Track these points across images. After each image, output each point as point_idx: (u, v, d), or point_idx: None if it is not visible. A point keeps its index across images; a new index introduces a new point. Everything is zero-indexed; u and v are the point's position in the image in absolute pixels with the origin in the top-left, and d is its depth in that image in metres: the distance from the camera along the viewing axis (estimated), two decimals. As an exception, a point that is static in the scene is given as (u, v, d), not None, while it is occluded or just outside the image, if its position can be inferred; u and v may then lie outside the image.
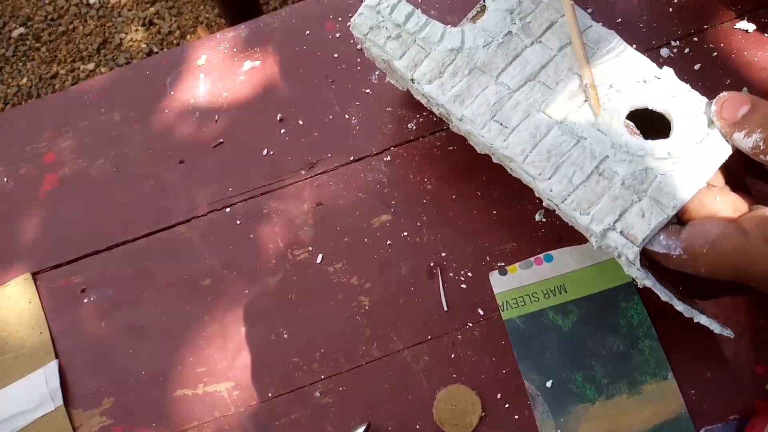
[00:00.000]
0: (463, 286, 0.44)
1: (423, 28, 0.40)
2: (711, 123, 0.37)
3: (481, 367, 0.42)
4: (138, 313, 0.46)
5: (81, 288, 0.47)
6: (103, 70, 1.24)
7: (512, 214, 0.45)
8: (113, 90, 0.52)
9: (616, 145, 0.37)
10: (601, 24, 0.41)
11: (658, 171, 0.36)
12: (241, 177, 0.48)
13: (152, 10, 1.29)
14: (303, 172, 0.48)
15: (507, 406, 0.41)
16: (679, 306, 0.36)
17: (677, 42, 0.47)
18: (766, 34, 0.47)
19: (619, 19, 0.48)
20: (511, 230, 0.44)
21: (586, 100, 0.38)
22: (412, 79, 0.40)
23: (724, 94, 0.36)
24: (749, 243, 0.32)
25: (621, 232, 0.36)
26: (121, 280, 0.47)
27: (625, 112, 0.38)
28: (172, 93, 0.51)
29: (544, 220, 0.44)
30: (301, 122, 0.49)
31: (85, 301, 0.46)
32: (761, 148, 0.34)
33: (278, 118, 0.49)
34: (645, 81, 0.38)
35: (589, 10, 0.49)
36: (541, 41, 0.39)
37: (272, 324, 0.44)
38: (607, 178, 0.36)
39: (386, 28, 0.41)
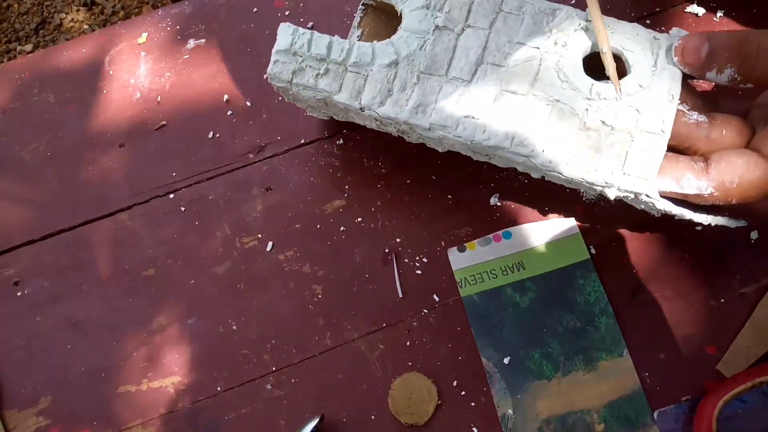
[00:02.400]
0: (419, 272, 0.43)
1: (350, 54, 0.38)
2: (655, 45, 0.37)
3: (437, 354, 0.41)
4: (76, 307, 0.43)
5: (14, 280, 0.44)
6: (41, 51, 1.18)
7: (467, 198, 0.44)
8: (47, 69, 0.49)
9: (590, 96, 0.36)
10: None
11: (636, 105, 0.36)
12: (186, 161, 0.46)
13: (94, -12, 1.22)
14: (251, 155, 0.46)
15: (463, 393, 0.40)
16: (700, 218, 0.36)
17: (631, 24, 0.47)
18: (715, 18, 0.47)
19: (573, 1, 0.48)
20: (466, 214, 0.44)
21: (540, 65, 0.37)
22: (361, 108, 0.38)
23: (679, 41, 0.36)
24: None
25: (632, 174, 0.35)
26: (57, 272, 0.44)
27: (580, 62, 0.37)
28: (111, 73, 0.48)
29: (499, 203, 0.44)
30: (249, 103, 0.47)
31: (19, 294, 0.43)
32: (738, 79, 0.34)
33: (224, 99, 0.47)
34: (582, 28, 0.38)
35: (544, -9, 0.48)
36: (470, 25, 0.38)
37: (220, 315, 0.42)
38: (596, 129, 0.36)
39: (311, 66, 0.38)
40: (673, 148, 0.37)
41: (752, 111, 0.37)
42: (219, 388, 0.41)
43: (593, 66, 0.38)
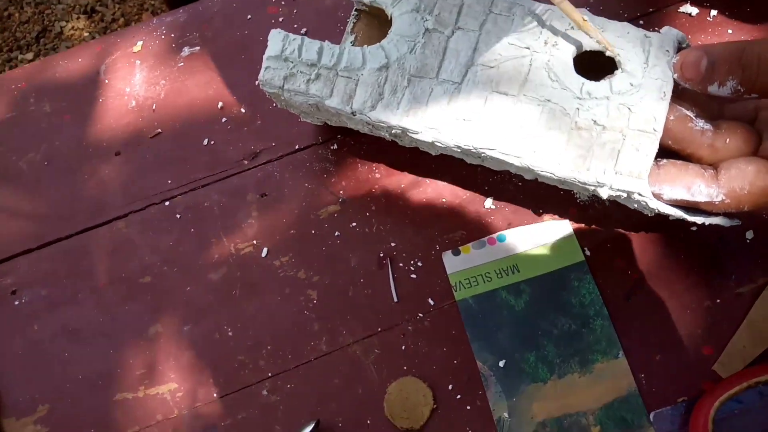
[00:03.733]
0: (414, 276, 0.43)
1: (340, 58, 0.38)
2: (646, 44, 0.37)
3: (433, 357, 0.41)
4: (73, 315, 0.43)
5: (12, 289, 0.44)
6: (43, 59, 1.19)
7: (461, 202, 0.44)
8: (43, 79, 0.49)
9: (580, 95, 0.36)
10: None
11: (627, 104, 0.36)
12: (181, 168, 0.46)
13: (94, -4, 1.23)
14: (246, 162, 0.46)
15: (459, 397, 0.40)
16: (694, 217, 0.36)
17: (624, 25, 0.47)
18: (708, 18, 0.47)
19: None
20: (460, 218, 0.44)
21: (531, 65, 0.37)
22: (353, 113, 0.38)
23: (676, 58, 0.36)
24: None
25: (624, 173, 0.35)
26: (54, 280, 0.44)
27: (571, 61, 0.37)
28: (106, 81, 0.49)
29: (493, 207, 0.44)
30: (243, 110, 0.47)
31: (16, 303, 0.44)
32: (741, 90, 0.34)
33: (219, 106, 0.47)
34: (572, 27, 0.38)
35: (537, -7, 0.48)
36: (460, 27, 0.38)
37: (216, 321, 0.42)
38: (587, 128, 0.36)
39: (302, 72, 0.38)
40: (676, 154, 0.37)
41: (760, 113, 0.37)
42: (215, 395, 0.41)
43: (584, 65, 0.38)
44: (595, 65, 0.39)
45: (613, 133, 0.36)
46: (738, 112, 0.37)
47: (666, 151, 0.37)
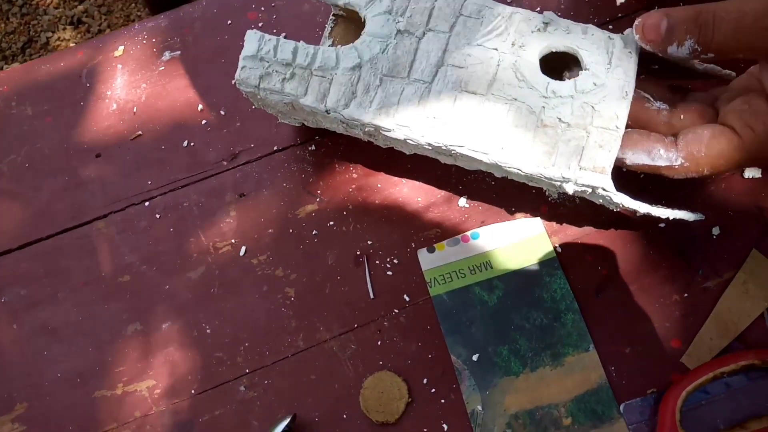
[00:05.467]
0: (390, 273, 0.43)
1: (315, 58, 0.39)
2: (610, 45, 0.38)
3: (408, 352, 0.42)
4: (53, 314, 0.44)
5: (-9, 290, 0.44)
6: (28, 70, 1.19)
7: (436, 200, 0.45)
8: (25, 82, 0.50)
9: (546, 94, 0.37)
10: None
11: (591, 102, 0.37)
12: (161, 170, 0.47)
13: (80, 8, 1.24)
14: (225, 162, 0.47)
15: (433, 390, 0.41)
16: (657, 211, 0.38)
17: (593, 30, 0.49)
18: (675, 22, 0.48)
19: (538, 8, 0.49)
20: (435, 216, 0.45)
21: (499, 66, 0.38)
22: (327, 111, 0.39)
23: (638, 21, 0.37)
24: (738, 135, 0.35)
25: (588, 168, 0.36)
26: (34, 280, 0.44)
27: (537, 62, 0.38)
28: (87, 85, 0.49)
29: (467, 205, 0.45)
30: (222, 112, 0.48)
31: (-4, 303, 0.44)
32: (699, 50, 0.35)
33: (199, 109, 0.48)
34: (538, 29, 0.39)
35: (508, 0, 0.50)
36: (430, 29, 0.39)
37: (194, 319, 0.43)
38: (552, 126, 0.37)
39: (277, 71, 0.39)
40: None
41: (720, 97, 0.39)
42: (193, 391, 0.41)
43: (549, 66, 0.39)
44: (560, 64, 0.40)
45: (577, 130, 0.37)
46: (699, 100, 0.39)
47: None
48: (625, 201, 0.37)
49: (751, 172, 0.44)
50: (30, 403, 0.42)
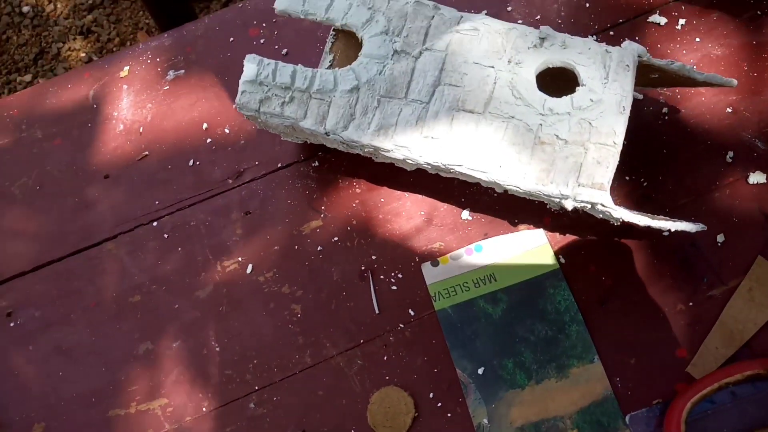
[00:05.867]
0: (394, 287, 0.44)
1: (313, 81, 0.39)
2: (607, 59, 0.38)
3: (414, 367, 0.42)
4: (66, 334, 0.45)
5: (7, 311, 0.46)
6: (41, 81, 1.21)
7: (439, 214, 0.45)
8: (34, 105, 0.51)
9: (543, 111, 0.37)
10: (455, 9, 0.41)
11: (588, 119, 0.37)
12: (168, 189, 0.47)
13: (90, 17, 1.25)
14: (230, 181, 0.47)
15: (439, 404, 0.41)
16: (658, 224, 0.38)
17: (594, 36, 0.48)
18: (677, 27, 0.48)
19: (538, 16, 0.49)
20: (438, 230, 0.45)
21: (495, 84, 0.38)
22: (326, 133, 0.39)
23: None
24: None
25: (587, 185, 0.37)
26: (48, 302, 0.46)
27: (534, 79, 0.38)
28: (95, 106, 0.50)
29: (470, 218, 0.45)
30: (227, 130, 0.48)
31: (12, 324, 0.45)
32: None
33: (204, 128, 0.49)
34: (534, 45, 0.39)
35: (509, 8, 0.49)
36: (427, 48, 0.40)
37: (204, 337, 0.44)
38: (550, 143, 0.37)
39: (276, 95, 0.40)
40: None
41: None
42: (204, 409, 0.42)
43: (546, 82, 0.39)
44: (558, 79, 0.40)
45: (575, 147, 0.37)
46: None
47: None
48: (625, 216, 0.37)
49: (756, 177, 0.43)
50: (47, 423, 0.43)
